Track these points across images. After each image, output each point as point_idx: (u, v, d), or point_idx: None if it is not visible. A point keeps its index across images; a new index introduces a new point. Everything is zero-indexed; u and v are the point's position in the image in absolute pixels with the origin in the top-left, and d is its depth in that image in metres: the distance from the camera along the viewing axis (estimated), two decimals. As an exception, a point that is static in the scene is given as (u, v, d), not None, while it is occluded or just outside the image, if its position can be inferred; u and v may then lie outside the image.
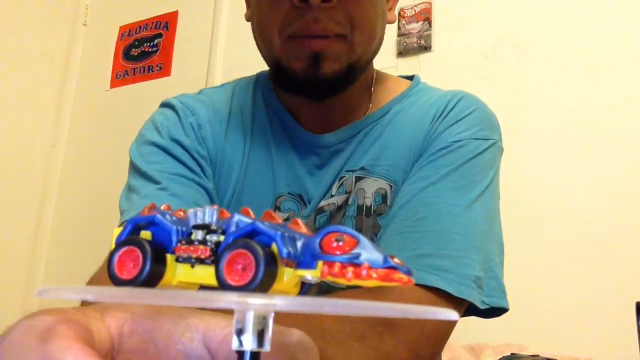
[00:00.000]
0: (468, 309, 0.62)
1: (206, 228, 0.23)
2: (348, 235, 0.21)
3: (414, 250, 0.60)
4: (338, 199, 0.69)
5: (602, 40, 1.50)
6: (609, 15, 1.51)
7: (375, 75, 0.77)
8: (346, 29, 0.64)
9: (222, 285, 0.22)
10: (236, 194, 0.72)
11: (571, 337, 1.33)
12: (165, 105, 0.76)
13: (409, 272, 0.20)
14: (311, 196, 0.70)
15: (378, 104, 0.75)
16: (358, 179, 0.69)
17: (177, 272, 0.24)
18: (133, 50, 2.39)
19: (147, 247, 0.23)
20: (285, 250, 0.22)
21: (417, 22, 1.77)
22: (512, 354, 1.08)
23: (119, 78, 2.39)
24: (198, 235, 0.23)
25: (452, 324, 0.60)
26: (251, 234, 0.23)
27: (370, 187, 0.69)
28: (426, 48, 1.74)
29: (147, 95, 2.24)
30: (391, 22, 0.75)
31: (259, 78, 0.80)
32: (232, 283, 0.21)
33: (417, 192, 0.64)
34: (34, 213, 2.31)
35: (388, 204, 0.68)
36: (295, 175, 0.71)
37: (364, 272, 0.20)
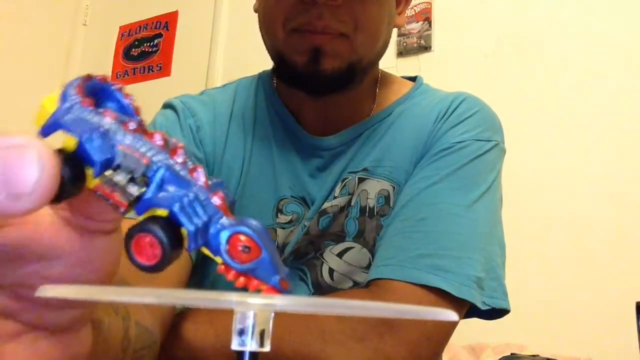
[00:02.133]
0: (469, 310, 0.62)
1: (130, 173, 0.21)
2: (255, 244, 0.21)
3: (414, 250, 0.60)
4: (341, 201, 0.69)
5: (602, 40, 1.50)
6: (609, 15, 1.51)
7: (379, 77, 0.77)
8: (349, 28, 0.64)
9: (134, 262, 0.21)
10: (237, 197, 0.72)
11: (571, 337, 1.33)
12: (167, 106, 0.76)
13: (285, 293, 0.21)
14: (314, 198, 0.70)
15: (381, 105, 0.75)
16: (361, 180, 0.69)
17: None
18: (133, 50, 2.39)
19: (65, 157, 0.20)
20: (193, 236, 0.21)
21: (417, 22, 1.77)
22: (512, 354, 1.08)
23: (119, 78, 2.40)
24: (119, 177, 0.21)
25: (452, 325, 0.60)
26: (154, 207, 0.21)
27: (373, 189, 0.69)
28: (426, 48, 1.74)
29: (147, 95, 2.23)
30: (399, 27, 0.75)
31: (261, 78, 0.80)
32: (144, 263, 0.20)
33: (419, 192, 0.64)
34: (34, 213, 2.31)
35: (391, 205, 0.68)
36: (297, 178, 0.71)
37: (254, 283, 0.21)
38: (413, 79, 0.80)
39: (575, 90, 1.50)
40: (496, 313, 0.65)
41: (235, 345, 0.22)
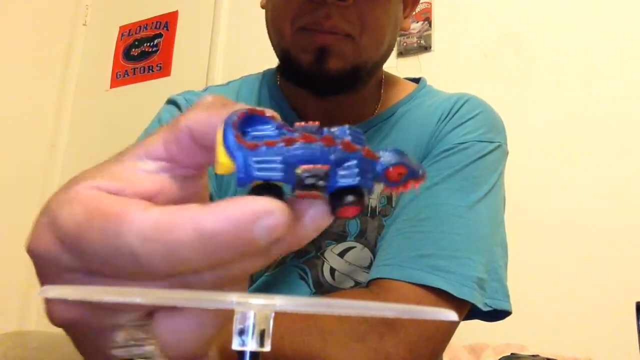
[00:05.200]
0: (471, 312, 0.62)
1: (316, 178, 0.24)
2: (404, 168, 0.26)
3: (415, 250, 0.60)
4: None
5: (602, 39, 1.50)
6: (609, 15, 1.51)
7: (383, 78, 0.77)
8: (355, 30, 0.64)
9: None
10: (238, 194, 0.72)
11: (571, 337, 1.33)
12: (170, 102, 0.77)
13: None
14: None
15: (385, 105, 0.75)
16: None
17: None
18: (133, 50, 2.39)
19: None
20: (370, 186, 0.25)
21: (417, 22, 1.77)
22: (512, 354, 1.08)
23: (119, 78, 2.40)
24: (309, 182, 0.24)
25: (453, 325, 0.60)
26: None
27: (376, 188, 0.69)
28: (426, 48, 1.74)
29: (147, 95, 2.24)
30: (405, 30, 0.75)
31: (265, 75, 0.80)
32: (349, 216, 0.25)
33: (421, 192, 0.64)
34: (34, 213, 2.31)
35: (393, 205, 0.68)
36: None
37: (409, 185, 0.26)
38: (417, 80, 0.80)
39: (575, 90, 1.50)
40: (498, 314, 0.65)
41: (235, 345, 0.22)
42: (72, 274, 0.25)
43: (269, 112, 0.25)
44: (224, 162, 0.23)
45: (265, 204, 0.22)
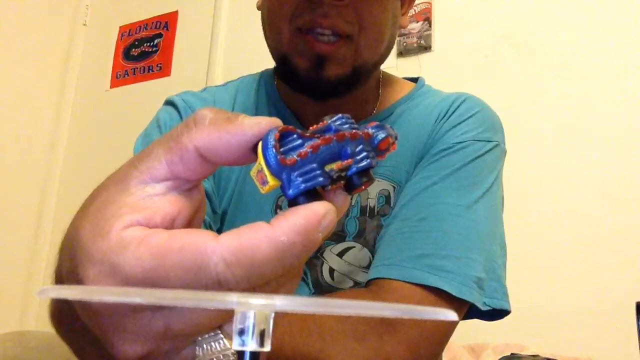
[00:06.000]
0: (470, 311, 0.62)
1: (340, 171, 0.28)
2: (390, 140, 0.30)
3: (414, 250, 0.60)
4: None
5: (602, 40, 1.50)
6: (609, 15, 1.51)
7: (381, 77, 0.77)
8: (354, 29, 0.64)
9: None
10: (236, 194, 0.71)
11: (571, 337, 1.33)
12: (168, 103, 0.76)
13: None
14: None
15: (383, 105, 0.75)
16: None
17: None
18: (133, 50, 2.39)
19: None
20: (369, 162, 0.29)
21: (417, 22, 1.77)
22: (512, 354, 1.08)
23: (119, 78, 2.40)
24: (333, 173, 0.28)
25: (452, 325, 0.60)
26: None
27: (374, 188, 0.69)
28: (426, 48, 1.74)
29: (147, 95, 2.24)
30: (403, 27, 0.75)
31: (262, 76, 0.80)
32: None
33: (419, 192, 0.64)
34: (34, 213, 2.31)
35: (391, 205, 0.68)
36: None
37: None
38: (415, 80, 0.80)
39: (575, 90, 1.50)
40: (497, 314, 0.65)
41: (235, 345, 0.22)
42: (140, 314, 0.25)
43: (289, 127, 0.27)
44: (272, 183, 0.27)
45: (321, 208, 0.26)
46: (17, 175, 2.27)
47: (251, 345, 0.22)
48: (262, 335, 0.22)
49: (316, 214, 0.25)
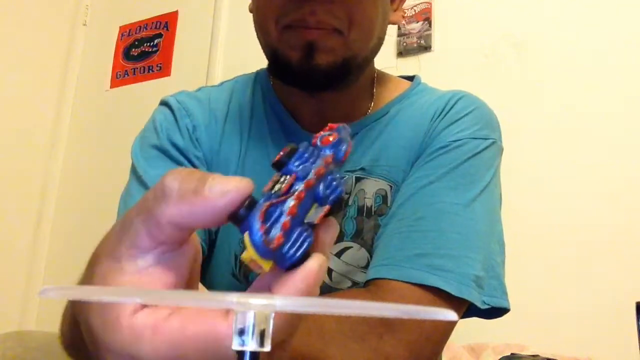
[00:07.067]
0: (469, 310, 0.62)
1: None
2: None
3: (413, 249, 0.60)
4: None
5: (602, 40, 1.50)
6: (609, 15, 1.51)
7: (376, 76, 0.77)
8: (343, 24, 0.64)
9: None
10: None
11: (571, 337, 1.33)
12: (163, 103, 0.76)
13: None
14: None
15: (378, 104, 0.75)
16: (358, 179, 0.69)
17: None
18: (133, 50, 2.39)
19: None
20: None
21: (417, 22, 1.77)
22: (512, 354, 1.09)
23: (119, 78, 2.40)
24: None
25: (452, 324, 0.60)
26: None
27: (371, 188, 0.69)
28: (426, 48, 1.74)
29: (147, 95, 2.24)
30: (395, 23, 0.75)
31: (258, 75, 0.80)
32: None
33: (416, 191, 0.64)
34: (34, 213, 2.31)
35: (388, 205, 0.68)
36: None
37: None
38: (411, 78, 0.80)
39: (575, 90, 1.50)
40: (496, 312, 0.65)
41: (235, 345, 0.22)
42: None
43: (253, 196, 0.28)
44: (268, 267, 0.27)
45: (314, 265, 0.27)
46: (17, 175, 2.27)
47: (251, 345, 0.22)
48: (262, 335, 0.22)
49: (313, 272, 0.27)
